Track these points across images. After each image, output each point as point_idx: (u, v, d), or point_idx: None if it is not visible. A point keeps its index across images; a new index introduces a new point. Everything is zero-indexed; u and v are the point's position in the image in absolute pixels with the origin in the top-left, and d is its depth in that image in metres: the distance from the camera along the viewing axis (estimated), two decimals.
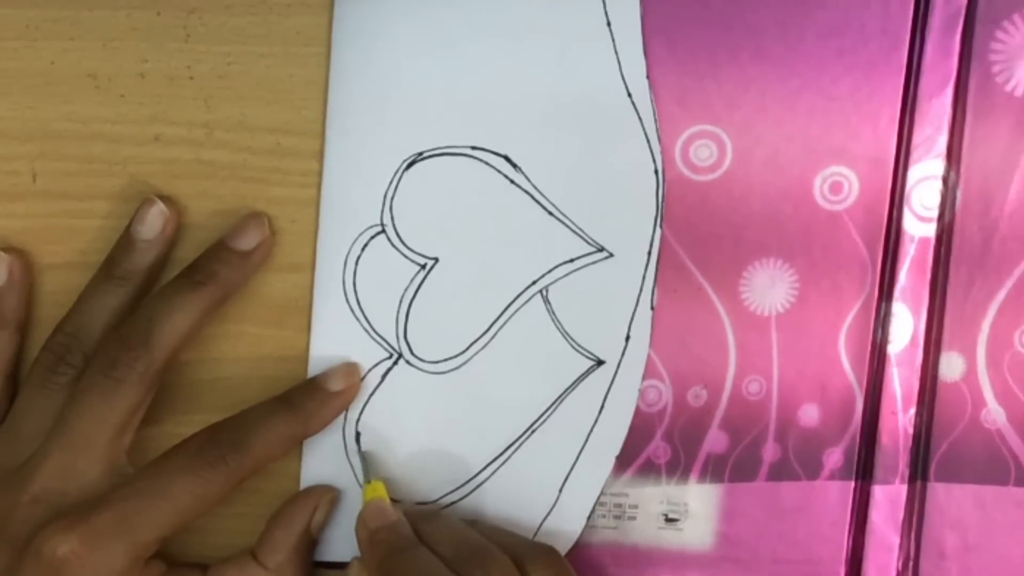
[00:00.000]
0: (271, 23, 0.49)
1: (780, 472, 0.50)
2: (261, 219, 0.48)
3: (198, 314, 0.46)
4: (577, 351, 0.49)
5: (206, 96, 0.49)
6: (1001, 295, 0.50)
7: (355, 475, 0.50)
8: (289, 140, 0.49)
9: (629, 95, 0.48)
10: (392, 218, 0.49)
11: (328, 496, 0.49)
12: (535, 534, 0.50)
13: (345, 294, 0.49)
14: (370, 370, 0.50)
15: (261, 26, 0.49)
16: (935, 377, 0.50)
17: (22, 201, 0.49)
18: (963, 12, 0.48)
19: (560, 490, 0.50)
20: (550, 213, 0.49)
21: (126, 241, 0.48)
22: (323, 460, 0.49)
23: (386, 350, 0.49)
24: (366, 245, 0.49)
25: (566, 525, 0.50)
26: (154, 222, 0.48)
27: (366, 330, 0.49)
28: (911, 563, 0.51)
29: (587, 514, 0.50)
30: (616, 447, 0.50)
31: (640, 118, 0.48)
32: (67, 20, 0.48)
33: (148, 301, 0.47)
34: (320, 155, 0.49)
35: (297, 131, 0.49)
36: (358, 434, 0.50)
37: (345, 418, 0.49)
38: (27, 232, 0.49)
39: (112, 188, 0.49)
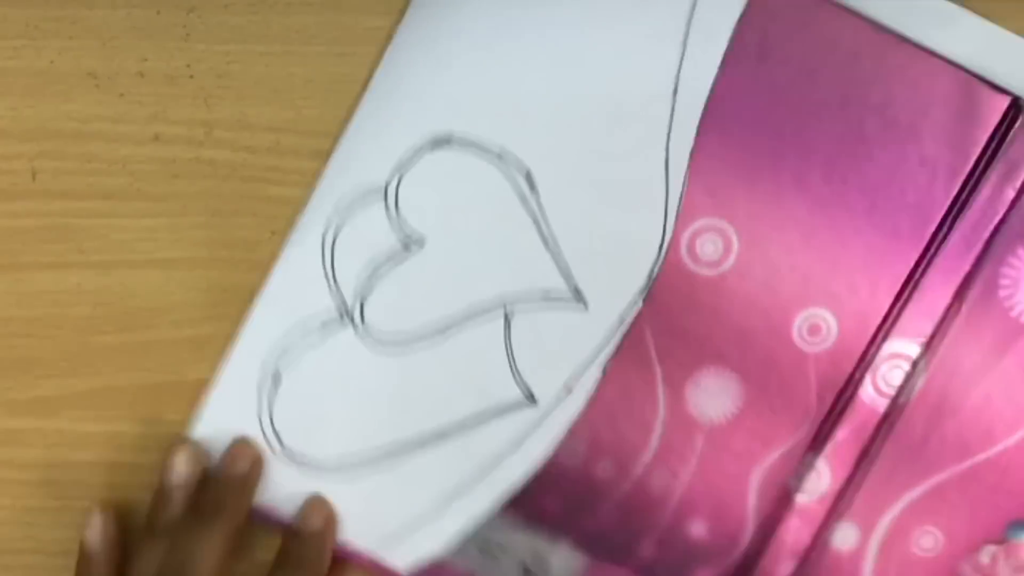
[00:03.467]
0: (271, 22, 0.48)
1: (649, 571, 0.50)
2: (245, 442, 0.49)
3: (221, 547, 0.48)
4: (516, 381, 0.49)
5: (206, 95, 0.49)
6: (918, 491, 0.49)
7: (258, 406, 0.49)
8: (289, 139, 0.49)
9: (667, 165, 0.47)
10: (398, 187, 0.48)
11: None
12: (402, 533, 0.50)
13: (323, 237, 0.49)
14: (315, 321, 0.49)
15: (261, 25, 0.48)
16: (826, 541, 0.49)
17: (22, 200, 0.49)
18: (996, 220, 0.47)
19: (448, 505, 0.50)
20: (545, 245, 0.48)
21: (163, 494, 0.49)
22: (234, 387, 0.49)
23: (338, 307, 0.49)
24: (361, 203, 0.49)
25: (436, 540, 0.50)
26: (183, 468, 0.49)
27: (327, 279, 0.49)
28: None
29: (460, 538, 0.50)
30: (515, 488, 0.50)
31: (668, 191, 0.47)
32: (66, 19, 0.48)
33: (175, 549, 0.48)
34: (320, 154, 0.49)
35: (297, 130, 0.49)
36: (278, 374, 0.49)
37: (270, 357, 0.49)
38: (26, 231, 0.49)
39: (112, 187, 0.49)
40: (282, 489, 0.50)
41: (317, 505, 0.50)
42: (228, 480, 0.49)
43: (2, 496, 0.51)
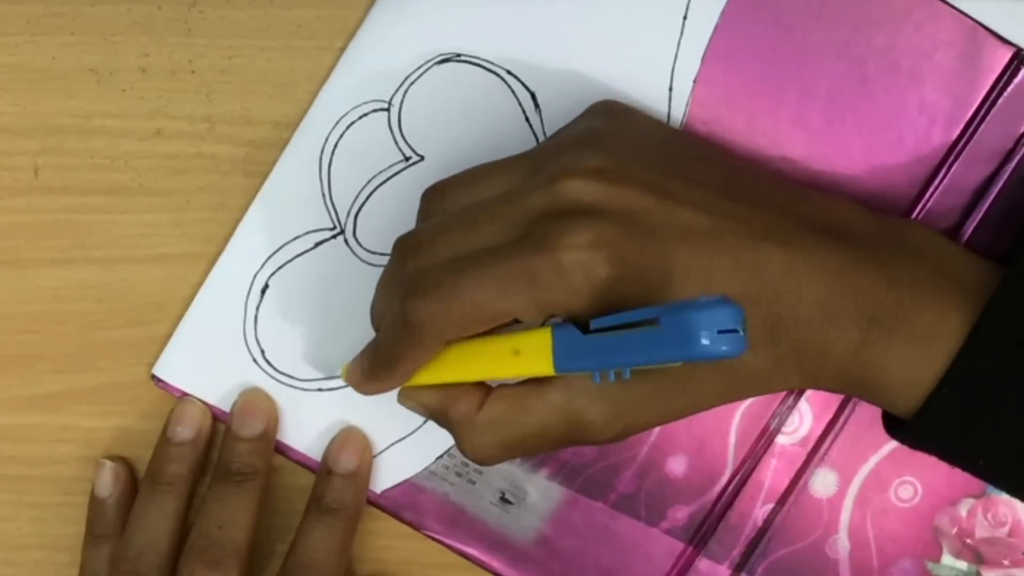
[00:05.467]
0: (272, 16, 0.49)
1: (625, 505, 0.50)
2: (255, 401, 0.49)
3: (255, 508, 0.48)
4: None
5: (207, 90, 0.49)
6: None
7: (243, 319, 0.49)
8: (291, 134, 0.49)
9: (670, 90, 0.48)
10: (402, 102, 0.48)
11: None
12: (381, 451, 0.50)
13: (321, 152, 0.49)
14: (307, 233, 0.49)
15: (262, 20, 0.49)
16: (805, 485, 0.49)
17: (24, 196, 0.49)
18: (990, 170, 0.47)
19: (424, 421, 0.49)
20: None
21: (166, 446, 0.49)
22: (221, 297, 0.49)
23: (331, 220, 0.49)
24: (364, 115, 0.49)
25: (411, 456, 0.50)
26: (191, 424, 0.49)
27: (323, 193, 0.49)
28: None
29: (436, 455, 0.50)
30: None
31: (669, 116, 0.48)
32: (68, 15, 0.48)
33: (208, 510, 0.48)
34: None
35: (299, 124, 0.49)
36: (266, 286, 0.49)
37: (259, 268, 0.49)
38: (29, 227, 0.49)
39: (114, 183, 0.49)
40: None
41: (350, 442, 0.49)
42: (251, 440, 0.48)
43: (7, 492, 0.50)
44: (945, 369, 0.40)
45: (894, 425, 0.43)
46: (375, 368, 0.43)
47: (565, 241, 0.38)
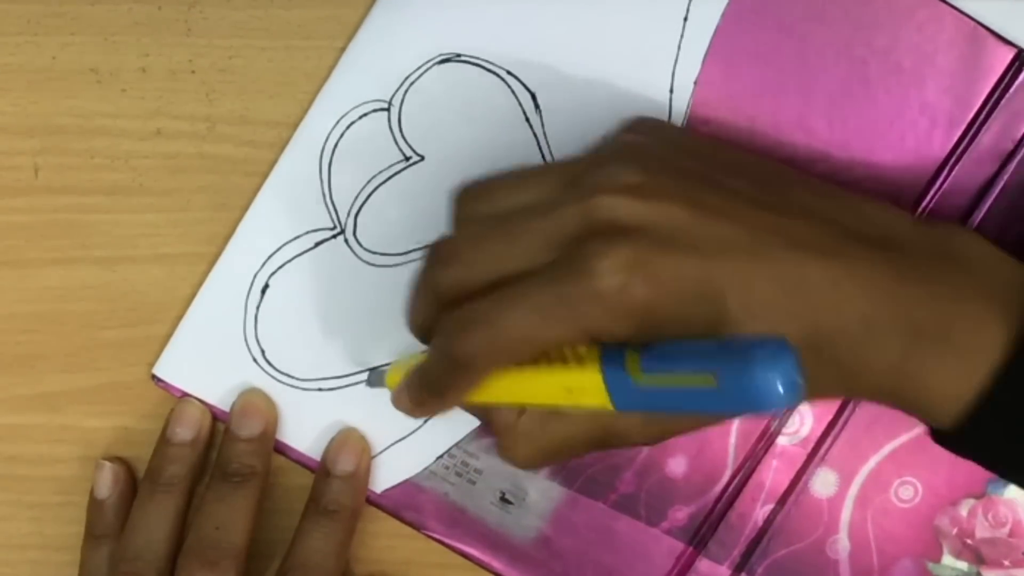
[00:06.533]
0: (272, 16, 0.49)
1: (625, 505, 0.50)
2: (255, 401, 0.49)
3: (254, 508, 0.48)
4: None
5: (208, 90, 0.49)
6: (899, 441, 0.49)
7: (244, 318, 0.49)
8: (291, 134, 0.49)
9: (671, 91, 0.48)
10: (402, 102, 0.48)
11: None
12: (381, 451, 0.50)
13: (321, 151, 0.49)
14: (308, 233, 0.49)
15: (262, 20, 0.49)
16: (806, 486, 0.49)
17: (24, 196, 0.49)
18: (992, 172, 0.47)
19: (424, 421, 0.49)
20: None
21: (165, 446, 0.49)
22: (221, 297, 0.49)
23: (331, 220, 0.49)
24: (364, 115, 0.49)
25: (411, 456, 0.50)
26: (191, 425, 0.49)
27: (323, 193, 0.49)
28: None
29: (436, 455, 0.50)
30: None
31: (670, 117, 0.48)
32: (68, 15, 0.48)
33: (206, 511, 0.48)
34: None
35: (299, 124, 0.49)
36: (267, 286, 0.49)
37: (259, 268, 0.49)
38: (29, 227, 0.49)
39: (114, 183, 0.49)
40: None
41: (348, 443, 0.49)
42: (250, 441, 0.48)
43: (7, 492, 0.50)
44: (989, 382, 0.39)
45: (938, 431, 0.42)
46: (424, 397, 0.43)
47: (600, 266, 0.38)
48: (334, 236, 0.49)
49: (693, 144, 0.44)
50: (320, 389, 0.50)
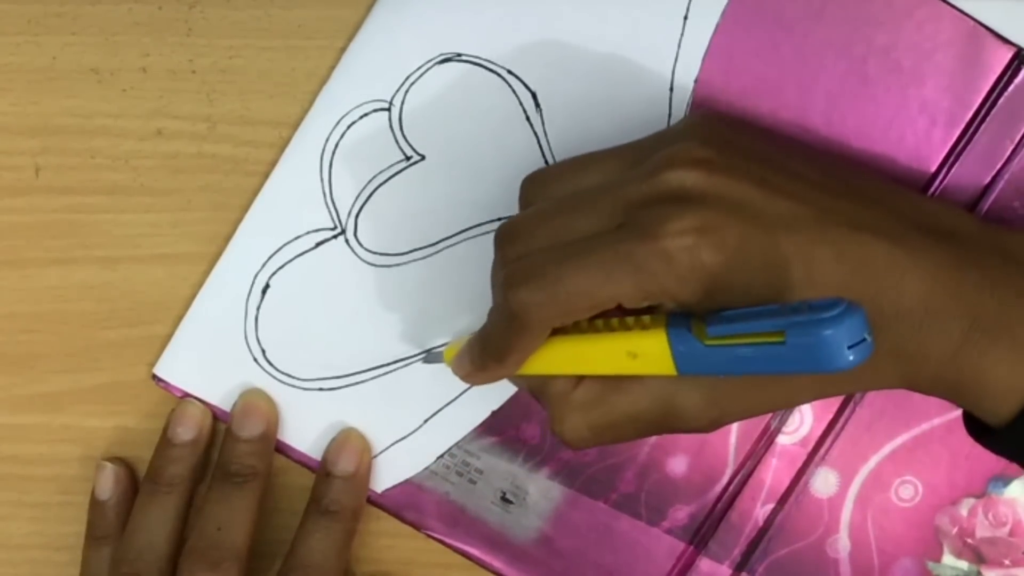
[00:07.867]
0: (273, 16, 0.49)
1: (626, 505, 0.50)
2: (256, 402, 0.49)
3: (255, 509, 0.48)
4: None
5: (208, 90, 0.49)
6: (900, 441, 0.49)
7: (244, 319, 0.49)
8: (292, 133, 0.49)
9: (671, 89, 0.48)
10: (403, 102, 0.48)
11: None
12: (382, 451, 0.50)
13: (322, 151, 0.49)
14: (308, 233, 0.49)
15: (263, 20, 0.49)
16: (806, 485, 0.49)
17: (25, 196, 0.49)
18: (992, 172, 0.47)
19: (425, 421, 0.50)
20: (545, 164, 0.48)
21: (166, 447, 0.49)
22: (221, 297, 0.49)
23: (332, 220, 0.49)
24: (365, 115, 0.49)
25: (412, 456, 0.50)
26: (192, 425, 0.49)
27: (323, 192, 0.49)
28: None
29: (437, 455, 0.50)
30: (494, 404, 0.49)
31: (670, 117, 0.48)
32: (69, 15, 0.49)
33: (207, 512, 0.48)
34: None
35: (300, 124, 0.49)
36: (267, 286, 0.49)
37: (260, 268, 0.49)
38: (30, 227, 0.49)
39: (115, 182, 0.49)
40: None
41: (348, 443, 0.49)
42: (251, 441, 0.48)
43: (7, 491, 0.50)
44: None
45: (979, 430, 0.42)
46: (484, 358, 0.42)
47: (670, 227, 0.38)
48: (335, 236, 0.49)
49: (757, 130, 0.45)
50: (321, 389, 0.50)
